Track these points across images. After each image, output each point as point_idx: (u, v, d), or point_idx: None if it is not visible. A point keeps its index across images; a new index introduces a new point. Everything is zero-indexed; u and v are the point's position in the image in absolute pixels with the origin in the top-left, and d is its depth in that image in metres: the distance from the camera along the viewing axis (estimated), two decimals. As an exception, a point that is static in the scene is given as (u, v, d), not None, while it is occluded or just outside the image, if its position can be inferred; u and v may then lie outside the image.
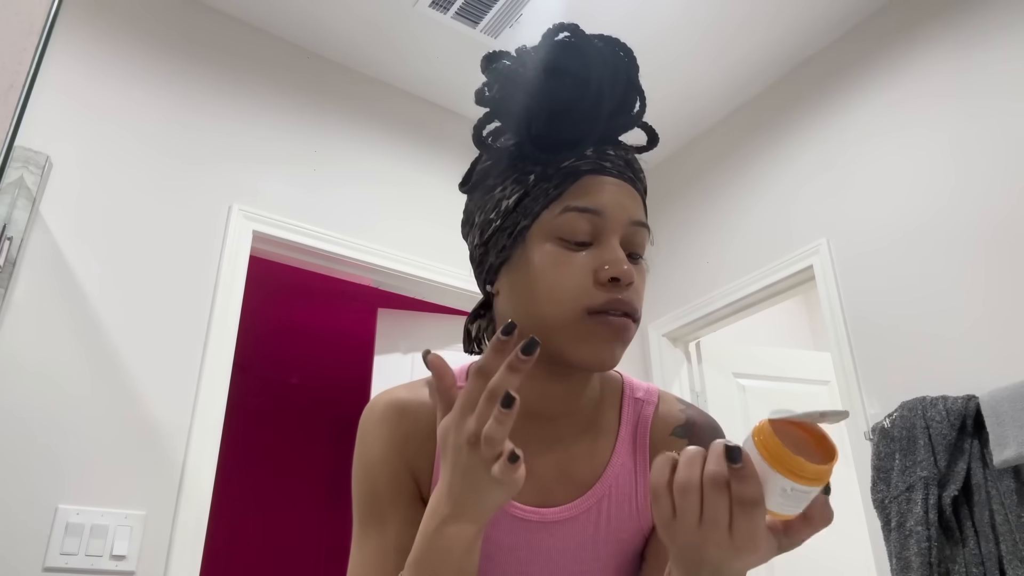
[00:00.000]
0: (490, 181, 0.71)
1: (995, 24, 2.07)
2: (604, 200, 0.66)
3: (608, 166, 0.68)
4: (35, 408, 1.72)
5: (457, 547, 0.57)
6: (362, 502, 0.69)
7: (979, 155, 2.03)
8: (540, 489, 0.70)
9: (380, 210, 2.49)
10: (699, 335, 2.86)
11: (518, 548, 0.69)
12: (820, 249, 2.38)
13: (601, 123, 0.68)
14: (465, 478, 0.55)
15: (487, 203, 0.70)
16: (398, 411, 0.71)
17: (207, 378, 1.95)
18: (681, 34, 2.50)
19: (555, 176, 0.67)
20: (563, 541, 0.69)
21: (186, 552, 1.78)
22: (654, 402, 0.77)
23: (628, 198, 0.68)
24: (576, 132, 0.67)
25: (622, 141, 0.73)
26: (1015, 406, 1.70)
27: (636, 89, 0.70)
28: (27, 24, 0.94)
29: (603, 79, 0.66)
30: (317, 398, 4.64)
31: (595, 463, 0.72)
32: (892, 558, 1.83)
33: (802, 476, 0.48)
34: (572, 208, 0.65)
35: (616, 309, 0.64)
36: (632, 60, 0.69)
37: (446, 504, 0.57)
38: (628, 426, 0.75)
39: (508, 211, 0.68)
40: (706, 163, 2.93)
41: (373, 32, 2.49)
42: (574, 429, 0.72)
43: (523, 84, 0.67)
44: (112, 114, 2.08)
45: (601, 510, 0.70)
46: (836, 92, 2.48)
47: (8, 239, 1.37)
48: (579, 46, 0.67)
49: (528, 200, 0.67)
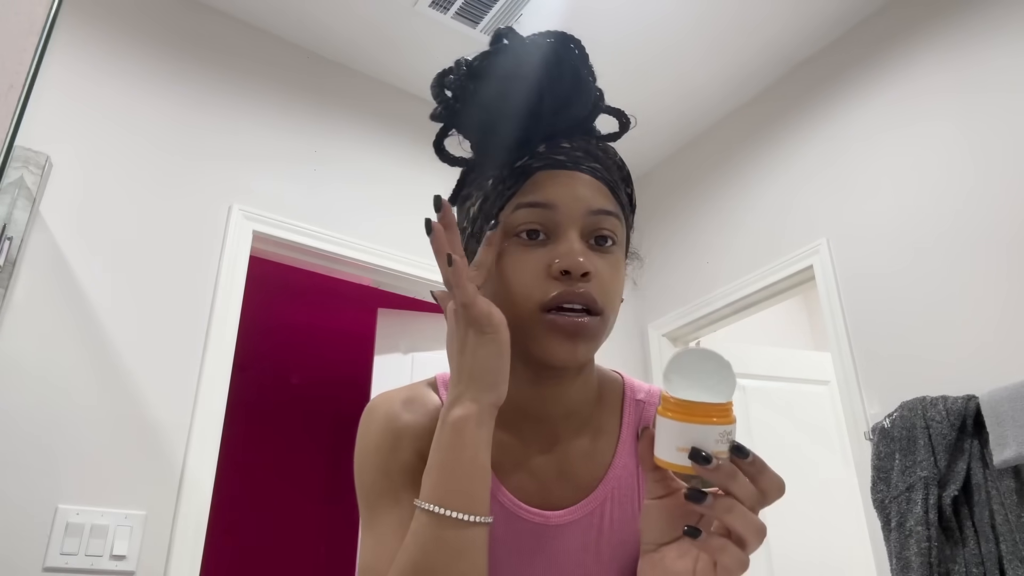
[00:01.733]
0: (464, 191, 0.73)
1: (995, 23, 2.07)
2: (555, 193, 0.66)
3: (562, 159, 0.68)
4: (35, 408, 1.72)
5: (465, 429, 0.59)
6: (371, 487, 0.69)
7: (979, 154, 2.03)
8: (542, 490, 0.70)
9: (380, 210, 2.49)
10: (699, 335, 2.86)
11: (520, 549, 0.69)
12: (820, 249, 2.38)
13: (545, 120, 0.68)
14: (459, 352, 0.61)
15: (461, 213, 0.73)
16: (405, 403, 0.72)
17: (207, 378, 1.95)
18: (681, 34, 2.50)
19: (509, 177, 0.68)
20: (566, 543, 0.69)
21: (186, 552, 1.78)
22: (655, 403, 0.77)
23: (585, 188, 0.68)
24: (520, 133, 0.68)
25: (594, 132, 0.73)
26: (1015, 406, 1.70)
27: (582, 81, 0.69)
28: (27, 24, 0.94)
29: (541, 78, 0.67)
30: (317, 398, 4.63)
31: (596, 465, 0.72)
32: (892, 558, 1.83)
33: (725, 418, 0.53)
34: (523, 204, 0.66)
35: (569, 302, 0.64)
36: (579, 53, 0.69)
37: (452, 394, 0.61)
38: (630, 428, 0.75)
39: (475, 217, 0.70)
40: (706, 163, 2.93)
41: (373, 32, 2.49)
42: (574, 429, 0.72)
43: (465, 96, 0.69)
44: (112, 114, 2.08)
45: (604, 513, 0.70)
46: (836, 92, 2.48)
47: (8, 239, 1.37)
48: (513, 49, 0.68)
49: (487, 204, 0.68)
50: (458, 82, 0.69)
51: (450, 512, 0.56)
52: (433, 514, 0.57)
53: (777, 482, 0.54)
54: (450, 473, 0.58)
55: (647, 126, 2.87)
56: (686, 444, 0.52)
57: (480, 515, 0.57)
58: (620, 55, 2.56)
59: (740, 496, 0.52)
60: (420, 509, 0.58)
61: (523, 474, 0.70)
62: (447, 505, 0.56)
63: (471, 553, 0.56)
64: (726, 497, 0.53)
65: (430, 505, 0.57)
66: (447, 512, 0.56)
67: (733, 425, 0.53)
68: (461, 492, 0.57)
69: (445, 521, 0.56)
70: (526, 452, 0.71)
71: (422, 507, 0.57)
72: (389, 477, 0.68)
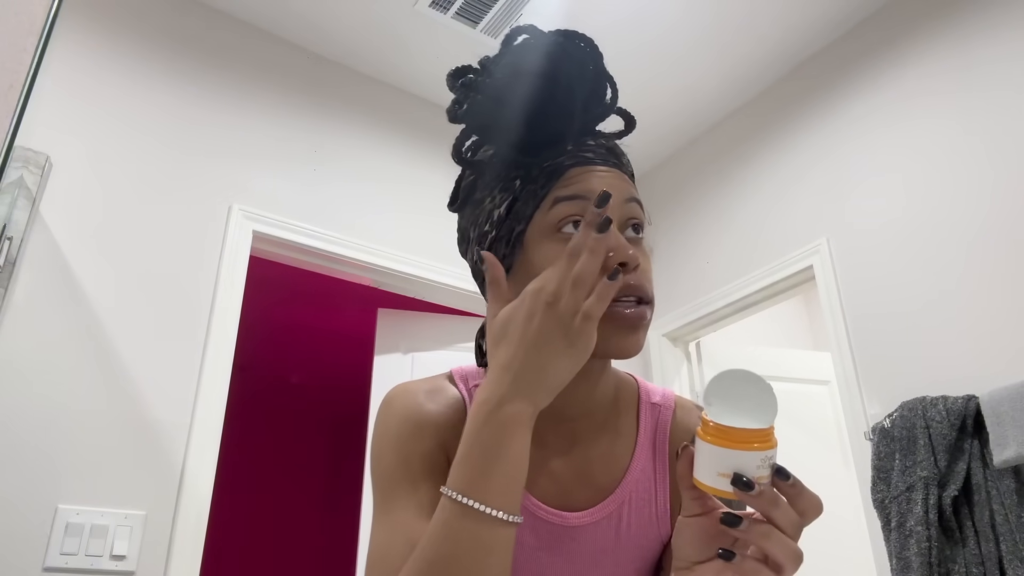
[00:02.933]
0: (477, 195, 0.71)
1: (995, 22, 2.07)
2: (592, 185, 0.66)
3: (591, 156, 0.68)
4: (35, 408, 1.72)
5: (515, 430, 0.56)
6: (390, 475, 0.68)
7: (980, 154, 2.03)
8: (561, 491, 0.70)
9: (380, 210, 2.49)
10: (699, 335, 2.86)
11: (540, 549, 0.69)
12: (820, 249, 2.38)
13: (577, 117, 0.68)
14: (535, 348, 0.57)
15: (479, 216, 0.70)
16: (428, 394, 0.72)
17: (207, 378, 1.95)
18: (681, 34, 2.50)
19: (540, 176, 0.67)
20: (584, 545, 0.69)
21: (186, 552, 1.78)
22: (671, 407, 0.77)
23: (616, 180, 0.68)
24: (554, 130, 0.67)
25: (600, 130, 0.73)
26: (1015, 406, 1.70)
27: (605, 77, 0.70)
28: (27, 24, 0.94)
29: (571, 74, 0.66)
30: (317, 398, 4.63)
31: (614, 467, 0.72)
32: (892, 558, 1.83)
33: (767, 442, 0.52)
34: (562, 198, 0.66)
35: (629, 296, 0.64)
36: (595, 49, 0.68)
37: (503, 384, 0.57)
38: (647, 431, 0.75)
39: (501, 219, 0.68)
40: (706, 163, 2.93)
41: (373, 32, 2.49)
42: (591, 430, 0.72)
43: (493, 94, 0.67)
44: (112, 114, 2.08)
45: (622, 516, 0.71)
46: (836, 91, 2.48)
47: (8, 239, 1.37)
48: (541, 46, 0.67)
49: (519, 205, 0.67)
50: (484, 82, 0.68)
51: (489, 509, 0.55)
52: (470, 508, 0.55)
53: (815, 502, 0.53)
54: (493, 470, 0.56)
55: (647, 126, 2.87)
56: (728, 470, 0.51)
57: (516, 515, 0.56)
58: (620, 54, 2.55)
59: (780, 523, 0.52)
60: (453, 502, 0.55)
61: (542, 475, 0.70)
62: (487, 502, 0.55)
63: (501, 552, 0.55)
64: (764, 523, 0.52)
65: (468, 500, 0.55)
66: (486, 509, 0.55)
67: (775, 449, 0.52)
68: (503, 491, 0.56)
69: (482, 517, 0.55)
70: (545, 453, 0.71)
71: (458, 500, 0.55)
72: (408, 465, 0.67)
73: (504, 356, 0.58)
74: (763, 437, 0.51)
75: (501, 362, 0.58)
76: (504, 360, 0.58)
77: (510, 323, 0.59)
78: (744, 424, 0.51)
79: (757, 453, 0.51)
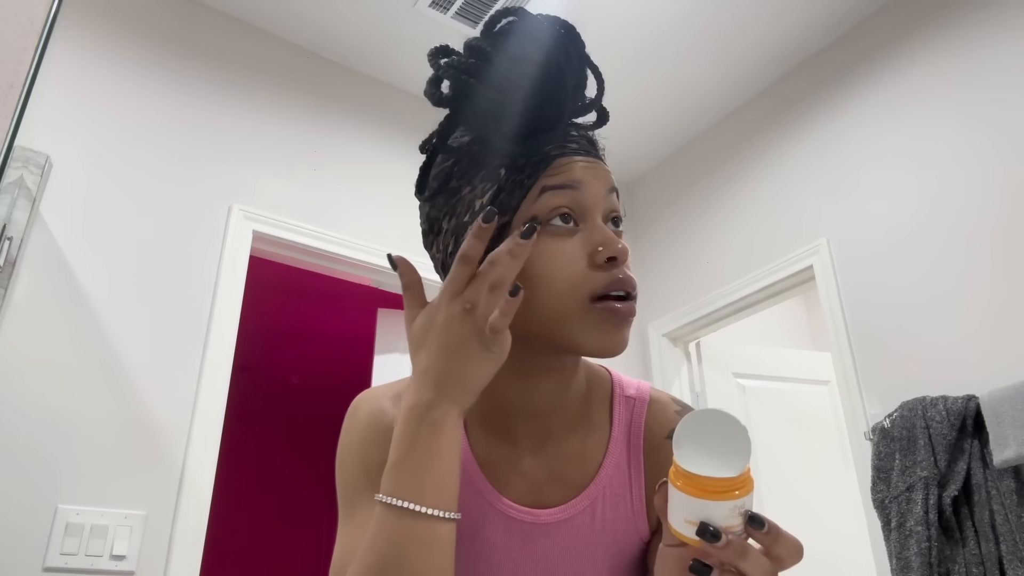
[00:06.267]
0: (453, 183, 0.68)
1: (995, 23, 2.07)
2: (578, 175, 0.65)
3: (575, 146, 0.67)
4: (35, 408, 1.72)
5: (443, 430, 0.57)
6: (353, 482, 0.69)
7: (980, 154, 2.03)
8: (533, 489, 0.70)
9: (380, 210, 2.49)
10: (699, 335, 2.86)
11: (512, 549, 0.68)
12: (820, 249, 2.38)
13: (568, 102, 0.67)
14: (454, 353, 0.58)
15: (456, 206, 0.67)
16: (395, 400, 0.71)
17: (207, 378, 1.95)
18: (681, 33, 2.50)
19: (526, 166, 0.65)
20: (558, 542, 0.69)
21: (186, 552, 1.78)
22: (646, 400, 0.75)
23: (599, 170, 0.67)
24: (547, 115, 0.65)
25: (576, 122, 0.71)
26: (1015, 406, 1.70)
27: (589, 63, 0.68)
28: (27, 24, 0.94)
29: (559, 57, 0.64)
30: (317, 398, 4.63)
31: (587, 463, 0.71)
32: (892, 558, 1.83)
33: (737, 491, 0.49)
34: (549, 188, 0.64)
35: (619, 290, 0.63)
36: (577, 35, 0.66)
37: (426, 389, 0.58)
38: (621, 425, 0.73)
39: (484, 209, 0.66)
40: (706, 163, 2.93)
41: (373, 32, 2.49)
42: (563, 426, 0.71)
43: (481, 77, 0.63)
44: (112, 114, 2.08)
45: (596, 511, 0.70)
46: (836, 92, 2.48)
47: (8, 239, 1.37)
48: (528, 28, 0.65)
49: (504, 195, 0.65)
50: (467, 62, 0.64)
51: (426, 509, 0.56)
52: (406, 510, 0.56)
53: (794, 546, 0.52)
54: (425, 471, 0.57)
55: (646, 125, 2.88)
56: (695, 518, 0.49)
57: (454, 512, 0.57)
58: (619, 54, 2.56)
59: (749, 573, 0.50)
60: (389, 505, 0.56)
61: (514, 474, 0.70)
62: (423, 502, 0.56)
63: (442, 548, 0.56)
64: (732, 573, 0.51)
65: (403, 502, 0.56)
66: (423, 508, 0.56)
67: (748, 496, 0.49)
68: (437, 490, 0.56)
69: (420, 516, 0.55)
70: (517, 452, 0.70)
71: (393, 504, 0.56)
72: (370, 473, 0.67)
73: (425, 362, 0.59)
74: (733, 486, 0.49)
75: (423, 367, 0.59)
76: (425, 365, 0.59)
77: (429, 329, 0.60)
78: (714, 471, 0.49)
79: (725, 503, 0.49)
